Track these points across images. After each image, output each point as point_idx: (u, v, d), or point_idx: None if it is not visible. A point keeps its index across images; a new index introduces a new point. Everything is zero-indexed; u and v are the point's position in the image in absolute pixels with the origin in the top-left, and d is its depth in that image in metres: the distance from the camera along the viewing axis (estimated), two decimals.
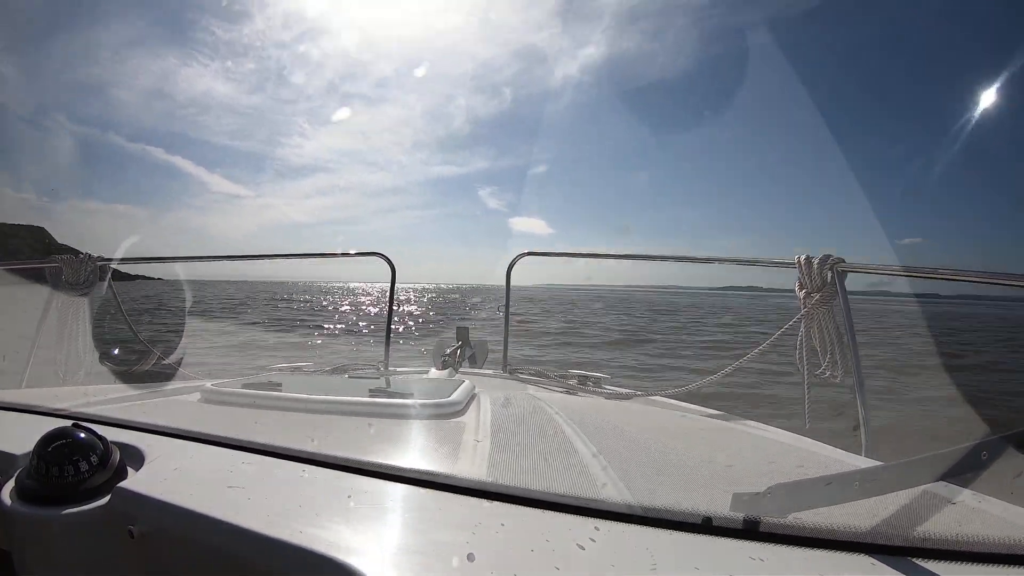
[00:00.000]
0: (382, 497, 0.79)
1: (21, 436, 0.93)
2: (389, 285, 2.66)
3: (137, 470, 0.87)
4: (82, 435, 0.82)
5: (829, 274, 1.61)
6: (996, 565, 0.64)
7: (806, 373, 1.66)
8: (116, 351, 2.29)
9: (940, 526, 0.69)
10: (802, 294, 1.67)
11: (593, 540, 0.66)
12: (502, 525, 0.71)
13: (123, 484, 0.80)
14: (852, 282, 1.61)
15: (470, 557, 0.62)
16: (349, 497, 0.78)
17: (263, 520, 0.70)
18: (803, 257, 1.68)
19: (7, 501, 0.79)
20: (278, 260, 3.27)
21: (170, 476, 0.84)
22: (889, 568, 0.63)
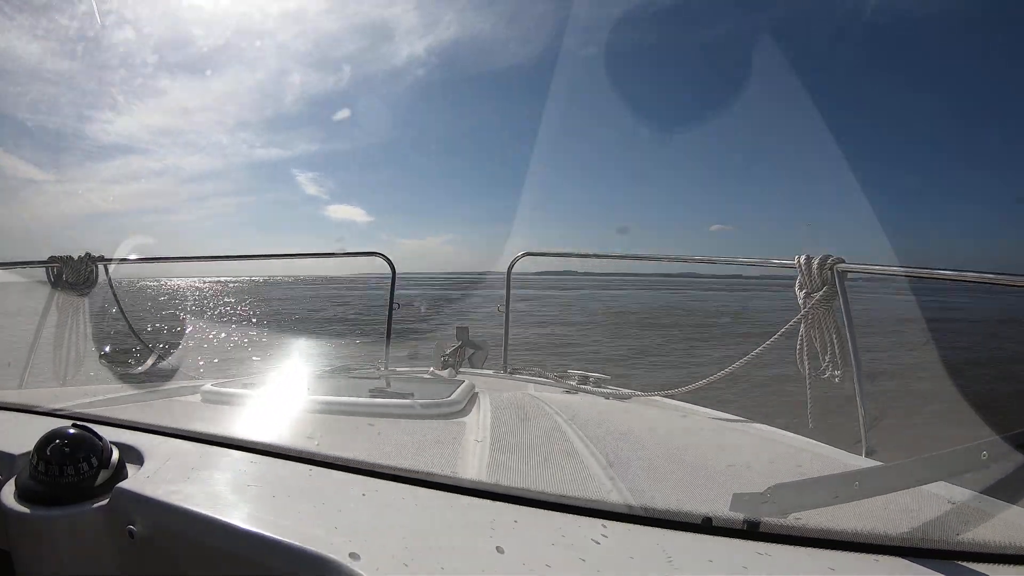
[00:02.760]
0: (383, 497, 0.79)
1: (21, 436, 0.93)
2: (389, 284, 2.65)
3: (137, 470, 0.87)
4: (82, 435, 0.82)
5: (829, 274, 1.61)
6: (996, 565, 0.64)
7: (807, 373, 1.66)
8: (116, 351, 2.29)
9: (940, 526, 0.69)
10: (802, 294, 1.67)
11: (597, 542, 0.66)
12: (515, 522, 0.71)
13: (123, 484, 0.80)
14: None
15: (499, 549, 0.62)
16: (350, 497, 0.78)
17: (263, 520, 0.70)
18: (803, 257, 1.67)
19: (7, 501, 0.79)
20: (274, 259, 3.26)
21: (170, 476, 0.84)
22: (889, 568, 0.63)
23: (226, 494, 0.79)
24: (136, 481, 0.82)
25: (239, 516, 0.71)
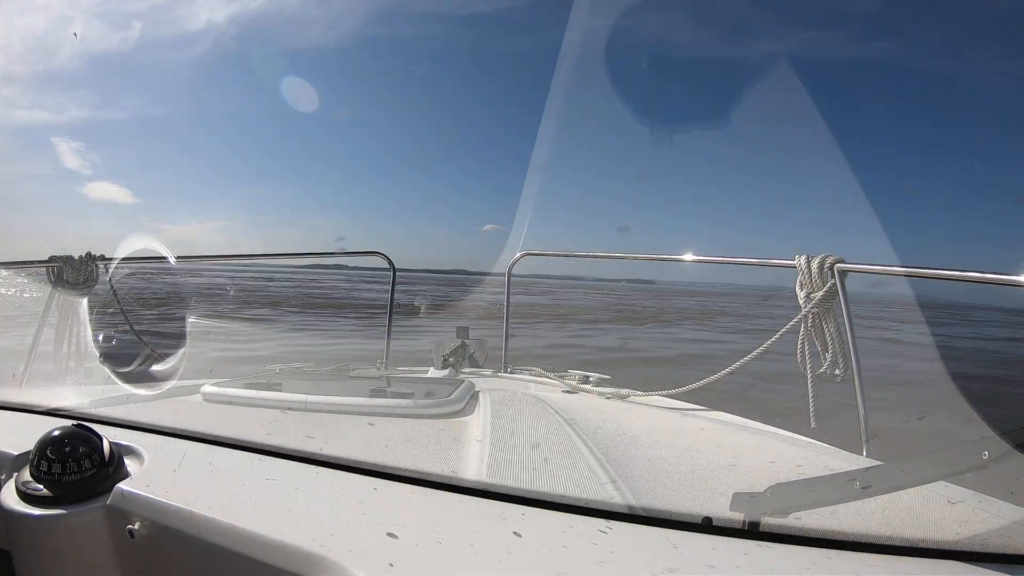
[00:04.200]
0: (383, 496, 0.79)
1: (21, 436, 0.93)
2: (391, 285, 2.65)
3: (137, 470, 0.87)
4: (82, 435, 0.82)
5: (829, 274, 1.61)
6: (996, 565, 0.64)
7: (808, 373, 1.66)
8: (116, 351, 2.29)
9: (940, 526, 0.69)
10: (802, 294, 1.67)
11: (594, 544, 0.66)
12: (522, 516, 0.71)
13: (123, 484, 0.80)
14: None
15: (500, 550, 0.62)
16: (350, 496, 0.78)
17: (263, 520, 0.70)
18: (803, 257, 1.68)
19: (7, 501, 0.79)
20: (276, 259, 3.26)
21: (170, 476, 0.84)
22: (889, 568, 0.63)
23: (226, 494, 0.79)
24: (136, 481, 0.82)
25: (239, 516, 0.71)
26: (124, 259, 2.41)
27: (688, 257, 2.40)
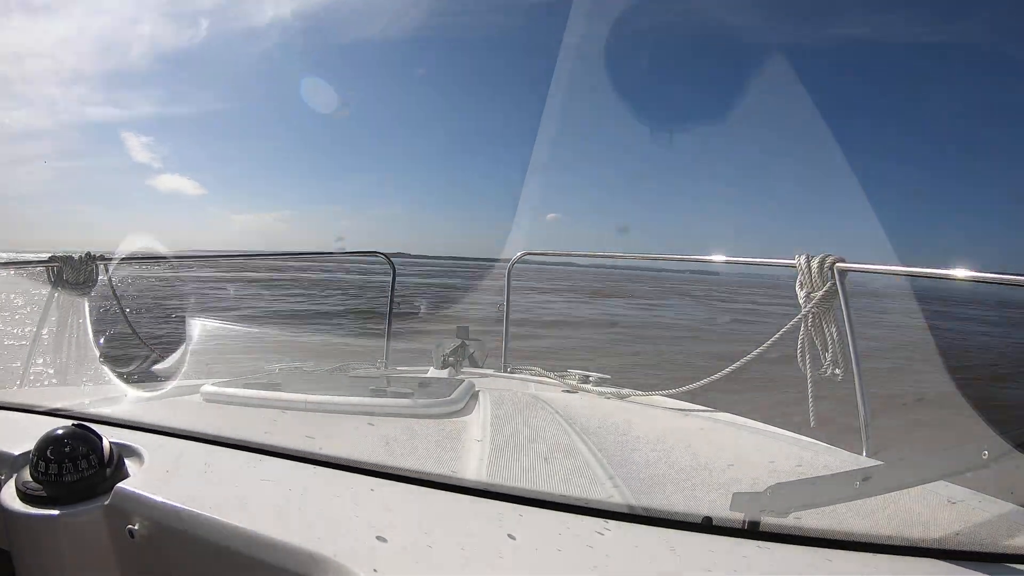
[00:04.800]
0: (383, 496, 0.79)
1: (21, 436, 0.93)
2: (390, 284, 2.65)
3: (137, 470, 0.87)
4: (82, 435, 0.82)
5: (829, 273, 1.61)
6: (996, 564, 0.64)
7: (808, 373, 1.66)
8: (116, 351, 2.29)
9: (940, 526, 0.69)
10: (802, 294, 1.67)
11: (591, 547, 0.66)
12: (520, 516, 0.71)
13: (123, 484, 0.80)
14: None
15: (501, 550, 0.62)
16: (350, 496, 0.78)
17: (263, 520, 0.70)
18: (803, 257, 1.68)
19: (7, 501, 0.79)
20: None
21: (170, 476, 0.84)
22: (889, 568, 0.63)
23: (226, 494, 0.79)
24: (136, 481, 0.82)
25: (239, 516, 0.71)
26: (124, 259, 2.41)
27: (688, 257, 2.40)
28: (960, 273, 1.41)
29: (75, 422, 0.86)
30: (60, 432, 0.81)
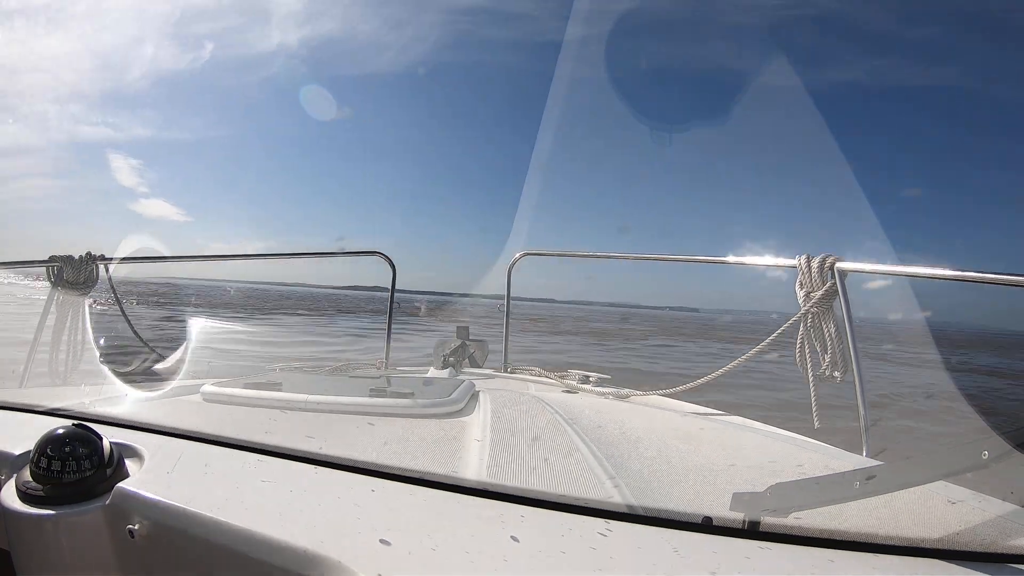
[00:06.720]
0: (383, 496, 0.79)
1: (21, 436, 0.93)
2: (390, 285, 2.66)
3: (137, 470, 0.87)
4: (82, 435, 0.82)
5: (829, 274, 1.62)
6: (996, 564, 0.64)
7: (809, 373, 1.66)
8: (116, 351, 2.29)
9: (940, 526, 0.69)
10: (802, 294, 1.67)
11: (593, 548, 0.66)
12: (522, 517, 0.71)
13: (123, 484, 0.80)
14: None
15: (502, 550, 0.62)
16: (350, 496, 0.78)
17: (263, 520, 0.70)
18: (803, 257, 1.68)
19: (7, 501, 0.79)
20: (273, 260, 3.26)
21: (170, 476, 0.84)
22: (889, 568, 0.63)
23: (226, 494, 0.79)
24: (136, 481, 0.82)
25: (239, 516, 0.71)
26: (124, 259, 2.41)
27: (688, 257, 2.40)
28: (960, 274, 1.41)
29: (75, 422, 0.86)
30: (60, 432, 0.81)
